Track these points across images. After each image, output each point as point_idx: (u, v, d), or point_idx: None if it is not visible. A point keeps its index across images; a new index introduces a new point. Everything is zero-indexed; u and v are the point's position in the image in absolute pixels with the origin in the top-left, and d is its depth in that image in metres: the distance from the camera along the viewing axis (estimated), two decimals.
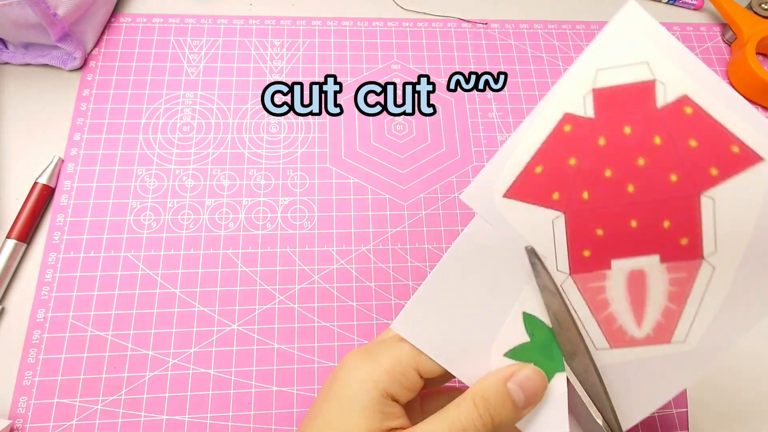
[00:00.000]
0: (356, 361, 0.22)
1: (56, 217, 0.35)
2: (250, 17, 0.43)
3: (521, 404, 0.21)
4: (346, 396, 0.21)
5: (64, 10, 0.36)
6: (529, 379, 0.21)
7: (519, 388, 0.21)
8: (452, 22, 0.44)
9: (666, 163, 0.20)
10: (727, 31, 0.46)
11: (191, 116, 0.38)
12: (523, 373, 0.21)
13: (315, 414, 0.22)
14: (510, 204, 0.21)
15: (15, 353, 0.31)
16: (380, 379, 0.21)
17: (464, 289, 0.22)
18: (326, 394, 0.23)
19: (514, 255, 0.21)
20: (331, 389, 0.22)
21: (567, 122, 0.20)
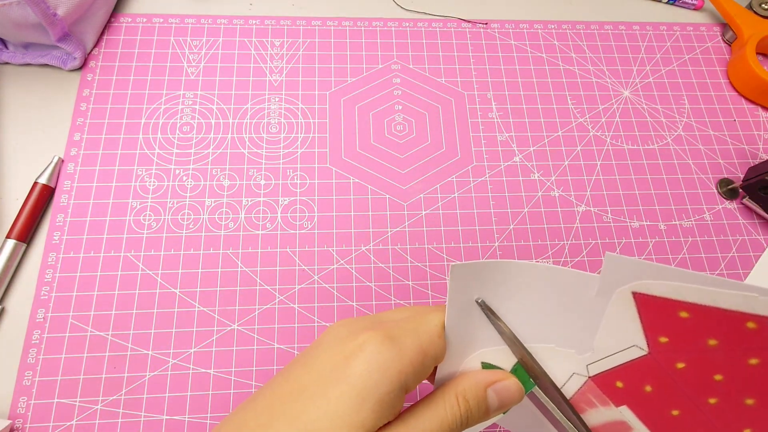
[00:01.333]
0: (378, 345, 0.19)
1: (56, 217, 0.35)
2: (250, 17, 0.43)
3: (492, 409, 0.21)
4: (363, 383, 0.19)
5: (64, 10, 0.36)
6: (507, 390, 0.21)
7: (497, 396, 0.21)
8: (452, 22, 0.44)
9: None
10: (727, 31, 0.46)
11: (191, 116, 0.38)
12: (504, 383, 0.21)
13: (312, 394, 0.19)
14: (628, 301, 0.20)
15: (15, 353, 0.31)
16: (404, 369, 0.19)
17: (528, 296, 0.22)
18: (333, 373, 0.19)
19: (576, 318, 0.21)
20: (342, 369, 0.19)
21: (757, 322, 0.18)
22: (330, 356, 0.20)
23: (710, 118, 0.42)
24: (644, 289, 0.19)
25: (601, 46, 0.44)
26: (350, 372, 0.19)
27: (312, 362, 0.20)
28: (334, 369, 0.19)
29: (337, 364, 0.19)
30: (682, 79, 0.44)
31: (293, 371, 0.20)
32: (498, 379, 0.21)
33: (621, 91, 0.43)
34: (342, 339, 0.20)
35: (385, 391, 0.19)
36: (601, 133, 0.41)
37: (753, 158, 0.41)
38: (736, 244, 0.38)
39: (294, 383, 0.20)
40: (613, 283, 0.19)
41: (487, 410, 0.21)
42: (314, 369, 0.20)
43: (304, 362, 0.20)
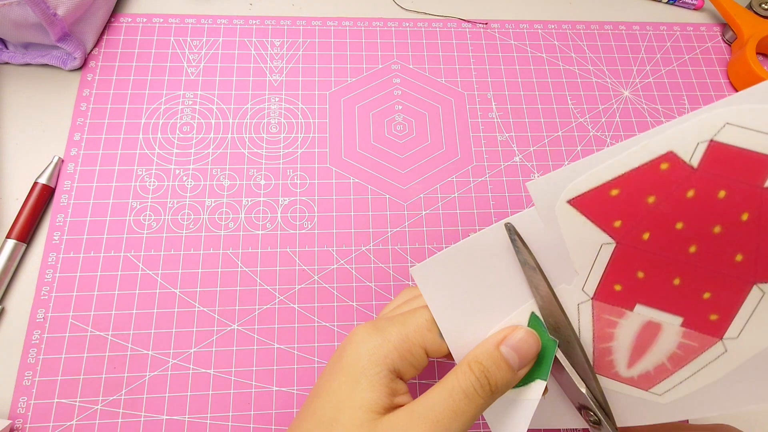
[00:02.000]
0: (364, 336, 0.22)
1: (56, 217, 0.35)
2: (250, 17, 0.43)
3: (516, 365, 0.21)
4: (354, 370, 0.21)
5: (64, 10, 0.36)
6: (521, 341, 0.21)
7: (512, 350, 0.21)
8: (452, 22, 0.44)
9: (741, 241, 0.19)
10: (727, 31, 0.46)
11: (191, 116, 0.38)
12: (515, 335, 0.22)
13: (321, 390, 0.22)
14: (570, 212, 0.20)
15: (15, 353, 0.31)
16: (389, 354, 0.21)
17: (490, 267, 0.22)
18: (332, 368, 0.22)
19: (550, 256, 0.21)
20: (338, 364, 0.22)
21: (667, 160, 0.19)
22: (333, 357, 0.23)
23: None
24: (573, 192, 0.20)
25: (601, 46, 0.44)
26: (343, 363, 0.22)
27: (326, 367, 0.24)
28: (333, 364, 0.23)
29: (336, 359, 0.23)
30: (682, 79, 0.44)
31: (317, 381, 0.24)
32: (506, 334, 0.22)
33: (621, 91, 0.43)
34: (343, 342, 0.23)
35: (374, 373, 0.21)
36: (601, 133, 0.41)
37: None
38: None
39: (314, 388, 0.23)
40: (548, 205, 0.20)
41: (508, 367, 0.21)
42: (325, 371, 0.23)
43: (322, 371, 0.24)
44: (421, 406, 0.20)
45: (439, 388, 0.21)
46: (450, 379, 0.21)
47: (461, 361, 0.22)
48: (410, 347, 0.22)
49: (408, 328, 0.22)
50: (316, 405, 0.22)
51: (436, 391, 0.21)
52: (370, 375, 0.21)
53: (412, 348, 0.22)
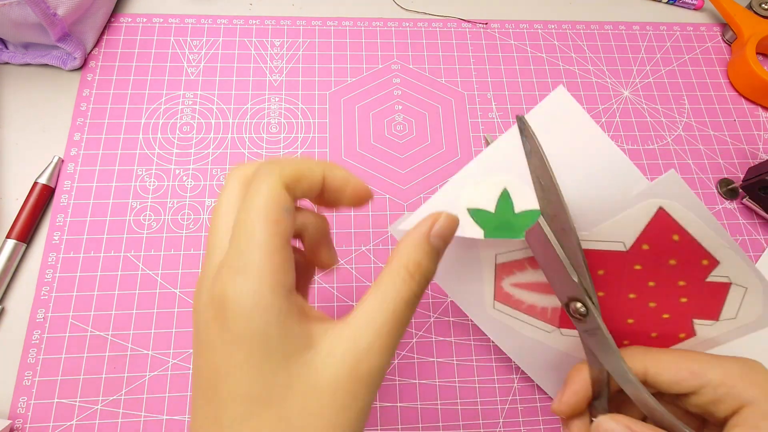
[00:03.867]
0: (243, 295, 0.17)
1: (56, 217, 0.35)
2: (250, 17, 0.43)
3: (441, 251, 0.20)
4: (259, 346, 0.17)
5: (64, 10, 0.36)
6: (447, 227, 0.20)
7: (439, 238, 0.20)
8: (452, 22, 0.44)
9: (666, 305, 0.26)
10: (727, 31, 0.46)
11: (191, 116, 0.38)
12: (440, 223, 0.20)
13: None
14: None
15: (15, 353, 0.31)
16: (275, 301, 0.17)
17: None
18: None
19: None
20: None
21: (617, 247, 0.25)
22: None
23: (710, 118, 0.42)
24: (669, 208, 0.23)
25: (601, 46, 0.44)
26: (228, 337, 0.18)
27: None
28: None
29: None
30: (682, 79, 0.44)
31: None
32: (433, 222, 0.20)
33: (621, 91, 0.43)
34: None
35: (277, 334, 0.17)
36: None
37: (753, 158, 0.41)
38: None
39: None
40: (658, 193, 0.23)
41: (437, 255, 0.20)
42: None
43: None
44: (364, 332, 0.18)
45: (381, 303, 0.18)
46: (389, 288, 0.18)
47: (396, 264, 0.19)
48: (282, 254, 0.18)
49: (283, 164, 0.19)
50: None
51: (378, 308, 0.18)
52: (276, 338, 0.17)
53: (283, 253, 0.18)
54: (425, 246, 0.20)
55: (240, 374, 0.16)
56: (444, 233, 0.20)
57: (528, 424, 0.32)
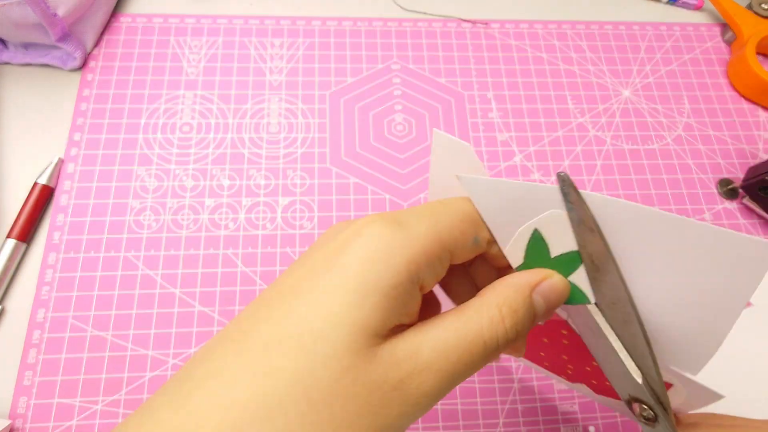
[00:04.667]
0: (381, 228, 0.15)
1: (56, 217, 0.35)
2: (250, 17, 0.43)
3: (540, 317, 0.17)
4: (363, 273, 0.15)
5: (64, 10, 0.36)
6: (554, 290, 0.17)
7: (542, 299, 0.17)
8: (452, 22, 0.44)
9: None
10: (727, 31, 0.46)
11: (191, 116, 0.38)
12: (550, 282, 0.17)
13: (302, 290, 0.15)
14: None
15: (15, 353, 0.31)
16: (414, 259, 0.15)
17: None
18: (325, 264, 0.16)
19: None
20: (336, 257, 0.15)
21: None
22: (324, 248, 0.16)
23: (710, 118, 0.42)
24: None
25: (601, 46, 0.44)
26: (346, 261, 0.15)
27: (304, 260, 0.17)
28: (326, 260, 0.16)
29: (331, 254, 0.16)
30: (682, 79, 0.44)
31: (283, 274, 0.17)
32: (543, 277, 0.17)
33: (621, 91, 0.43)
34: (340, 229, 0.17)
35: (391, 284, 0.15)
36: (601, 133, 0.41)
37: (753, 158, 0.41)
38: None
39: (281, 285, 0.16)
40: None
41: (535, 319, 0.17)
42: (305, 265, 0.16)
43: (297, 263, 0.17)
44: (430, 347, 0.15)
45: (457, 329, 0.16)
46: (471, 319, 0.16)
47: (486, 299, 0.16)
48: (441, 252, 0.16)
49: (440, 225, 0.16)
50: (289, 307, 0.15)
51: (453, 332, 0.16)
52: (386, 286, 0.15)
53: (442, 254, 0.16)
54: (527, 297, 0.17)
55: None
56: (549, 294, 0.17)
57: (528, 424, 0.32)
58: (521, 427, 0.32)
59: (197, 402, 0.14)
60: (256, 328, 0.15)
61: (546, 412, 0.33)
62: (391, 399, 0.15)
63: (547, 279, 0.17)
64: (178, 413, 0.14)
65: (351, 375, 0.14)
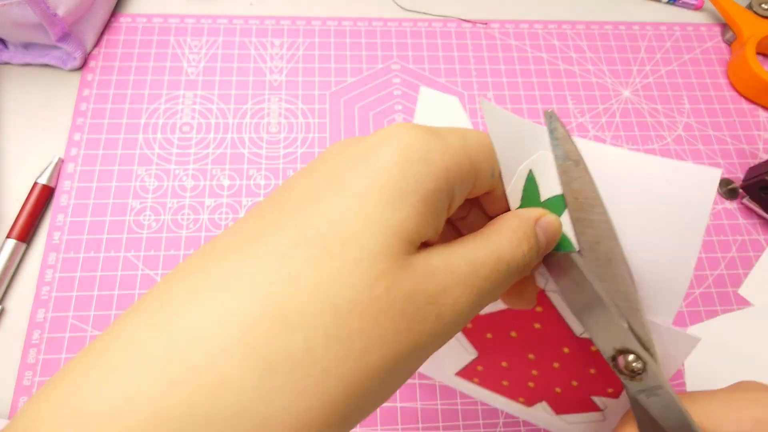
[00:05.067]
0: (416, 132, 0.14)
1: (56, 217, 0.35)
2: (250, 17, 0.43)
3: (542, 251, 0.17)
4: (400, 172, 0.13)
5: (64, 10, 0.36)
6: (551, 226, 0.17)
7: (543, 234, 0.17)
8: (452, 22, 0.44)
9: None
10: (727, 31, 0.46)
11: (191, 116, 0.38)
12: (548, 218, 0.17)
13: (321, 189, 0.14)
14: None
15: (15, 353, 0.31)
16: (452, 167, 0.14)
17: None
18: (350, 163, 0.14)
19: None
20: (365, 158, 0.14)
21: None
22: (345, 154, 0.15)
23: (710, 118, 0.42)
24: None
25: (601, 46, 0.44)
26: (380, 160, 0.14)
27: (320, 166, 0.15)
28: (354, 163, 0.14)
29: (358, 157, 0.14)
30: (682, 79, 0.44)
31: (293, 180, 0.15)
32: (542, 213, 0.17)
33: (621, 91, 0.43)
34: (354, 142, 0.15)
35: (430, 188, 0.14)
36: (601, 133, 0.41)
37: (753, 158, 0.41)
38: (736, 244, 0.38)
39: (290, 191, 0.15)
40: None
41: (539, 251, 0.17)
42: (325, 170, 0.15)
43: (309, 169, 0.15)
44: (463, 261, 0.14)
45: (484, 247, 0.15)
46: (495, 241, 0.16)
47: (501, 225, 0.16)
48: (469, 171, 0.15)
49: (469, 143, 0.15)
50: (312, 211, 0.13)
51: (481, 249, 0.15)
52: (424, 188, 0.13)
53: (470, 174, 0.15)
54: (534, 227, 0.17)
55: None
56: (547, 230, 0.17)
57: (528, 424, 0.32)
58: (521, 427, 0.32)
59: (191, 316, 0.12)
60: (264, 233, 0.13)
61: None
62: (427, 314, 0.13)
63: (545, 215, 0.17)
64: (162, 335, 0.11)
65: (385, 282, 0.12)
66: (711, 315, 0.35)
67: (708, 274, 0.37)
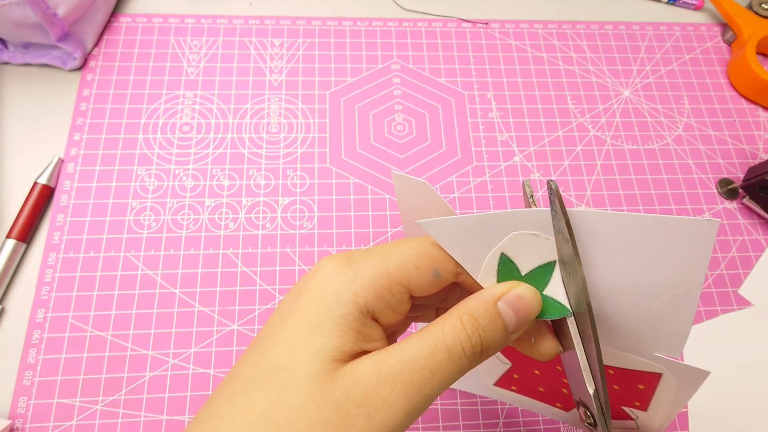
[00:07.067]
0: (333, 268, 0.18)
1: (56, 217, 0.35)
2: (250, 17, 0.43)
3: (512, 327, 0.18)
4: (316, 308, 0.17)
5: (64, 10, 0.36)
6: (521, 299, 0.18)
7: (510, 308, 0.18)
8: (452, 22, 0.44)
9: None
10: (727, 31, 0.46)
11: (191, 116, 0.38)
12: (515, 291, 0.18)
13: (272, 332, 0.18)
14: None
15: (15, 353, 0.31)
16: (361, 292, 0.17)
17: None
18: (290, 306, 0.18)
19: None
20: (297, 300, 0.18)
21: None
22: (291, 294, 0.19)
23: (710, 118, 0.42)
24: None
25: (601, 46, 0.44)
26: (304, 299, 0.18)
27: (278, 307, 0.19)
28: (292, 301, 0.18)
29: (293, 297, 0.18)
30: (682, 79, 0.44)
31: (265, 323, 0.20)
32: (508, 288, 0.18)
33: (621, 91, 0.43)
34: (305, 275, 0.19)
35: (340, 314, 0.17)
36: (601, 133, 0.41)
37: (753, 158, 0.41)
38: (736, 244, 0.38)
39: (261, 332, 0.19)
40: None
41: (504, 328, 0.18)
42: (277, 312, 0.19)
43: (277, 307, 0.20)
44: (394, 359, 0.16)
45: (419, 341, 0.17)
46: (434, 331, 0.17)
47: (450, 312, 0.18)
48: (390, 285, 0.18)
49: (390, 262, 0.18)
50: (263, 348, 0.18)
51: (415, 344, 0.17)
52: (335, 316, 0.17)
53: (393, 286, 0.18)
54: (490, 306, 0.18)
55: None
56: (516, 303, 0.18)
57: (528, 424, 0.32)
58: (521, 428, 0.32)
59: None
60: (239, 370, 0.18)
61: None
62: (356, 416, 0.16)
63: (513, 289, 0.18)
64: None
65: (313, 398, 0.16)
66: (711, 315, 0.35)
67: (708, 274, 0.37)
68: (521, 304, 0.18)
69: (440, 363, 0.16)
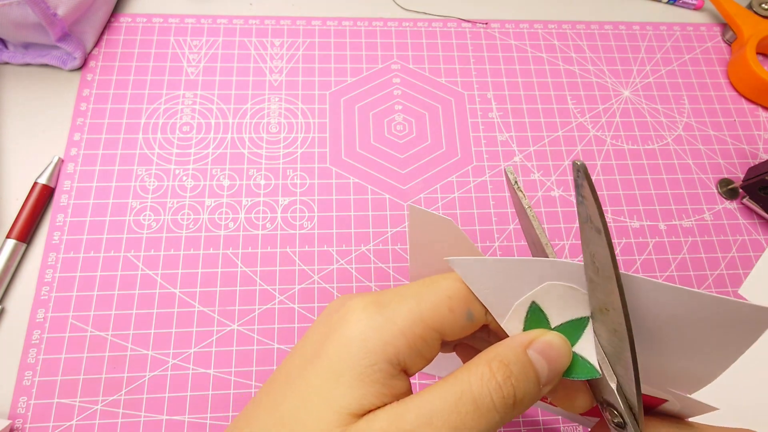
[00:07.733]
0: (360, 313, 0.17)
1: (56, 217, 0.35)
2: (250, 17, 0.43)
3: (543, 378, 0.16)
4: (339, 359, 0.16)
5: (64, 10, 0.36)
6: (552, 348, 0.16)
7: (542, 356, 0.16)
8: (452, 22, 0.44)
9: None
10: (727, 31, 0.46)
11: (191, 116, 0.38)
12: (545, 339, 0.16)
13: (290, 378, 0.17)
14: None
15: (15, 353, 0.31)
16: (391, 341, 0.16)
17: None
18: (313, 350, 0.17)
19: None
20: (321, 347, 0.17)
21: None
22: (315, 334, 0.18)
23: (710, 118, 0.42)
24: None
25: (601, 46, 0.44)
26: (328, 346, 0.16)
27: (299, 345, 0.18)
28: (314, 346, 0.17)
29: (319, 340, 0.17)
30: (682, 79, 0.44)
31: (288, 356, 0.18)
32: (538, 335, 0.17)
33: (621, 91, 0.43)
34: (335, 309, 0.18)
35: (365, 365, 0.15)
36: (601, 133, 0.41)
37: (753, 158, 0.41)
38: (736, 244, 0.38)
39: (280, 372, 0.18)
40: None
41: (536, 379, 0.16)
42: (299, 352, 0.18)
43: (294, 347, 0.18)
44: (413, 414, 0.15)
45: (442, 392, 0.15)
46: (458, 379, 0.15)
47: (476, 359, 0.16)
48: (424, 333, 0.16)
49: (423, 305, 0.17)
50: (281, 394, 0.16)
51: (437, 395, 0.15)
52: (360, 366, 0.15)
53: (426, 334, 0.16)
54: (520, 353, 0.16)
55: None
56: (547, 351, 0.16)
57: (528, 424, 0.32)
58: (521, 428, 0.32)
59: None
60: (255, 415, 0.17)
61: (546, 412, 0.33)
62: None
63: (542, 336, 0.17)
64: None
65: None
66: None
67: (708, 274, 0.37)
68: (553, 354, 0.16)
69: (465, 417, 0.15)
